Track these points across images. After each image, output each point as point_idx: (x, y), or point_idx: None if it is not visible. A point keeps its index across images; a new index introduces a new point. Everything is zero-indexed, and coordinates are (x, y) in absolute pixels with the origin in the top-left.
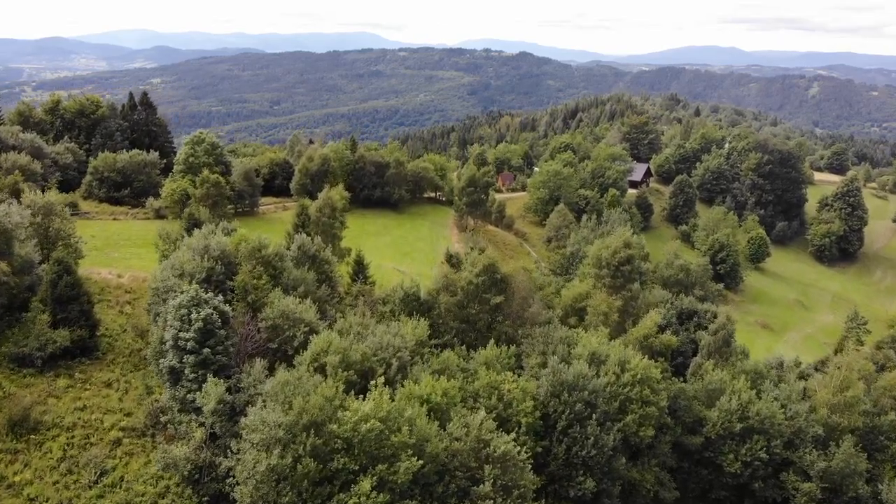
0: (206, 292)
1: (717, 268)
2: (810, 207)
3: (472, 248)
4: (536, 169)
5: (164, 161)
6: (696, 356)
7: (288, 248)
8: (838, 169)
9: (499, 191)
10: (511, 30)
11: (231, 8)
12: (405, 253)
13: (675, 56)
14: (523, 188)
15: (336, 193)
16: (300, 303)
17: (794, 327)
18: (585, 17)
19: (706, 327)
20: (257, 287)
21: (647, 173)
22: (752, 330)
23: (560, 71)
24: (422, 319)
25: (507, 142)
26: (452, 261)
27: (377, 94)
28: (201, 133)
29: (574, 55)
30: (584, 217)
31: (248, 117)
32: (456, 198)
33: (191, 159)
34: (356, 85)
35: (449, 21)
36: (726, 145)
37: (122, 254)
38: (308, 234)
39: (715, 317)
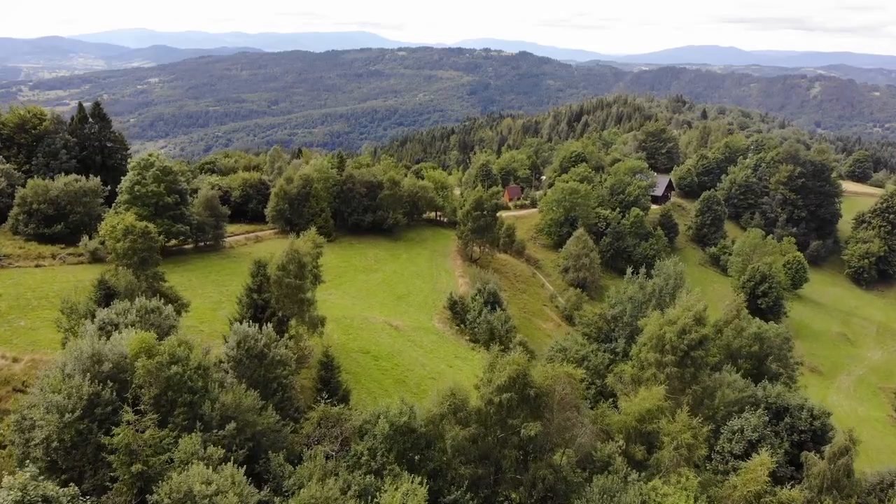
0: (46, 479)
1: (759, 301)
2: (843, 223)
3: (479, 291)
4: (544, 178)
5: (108, 188)
6: (794, 480)
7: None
8: (860, 177)
9: (505, 207)
10: (511, 29)
11: (229, 7)
12: (400, 296)
13: (675, 56)
14: (532, 204)
15: (306, 242)
16: (221, 464)
17: (843, 368)
18: (585, 17)
19: (803, 432)
20: (153, 445)
21: (669, 187)
22: (800, 374)
23: (560, 71)
24: (416, 479)
25: (508, 146)
26: (456, 308)
27: (376, 94)
28: (150, 155)
29: (573, 55)
30: (629, 270)
31: (246, 117)
32: (460, 223)
33: (137, 188)
34: (355, 85)
35: (448, 20)
36: (750, 155)
37: (30, 321)
38: (265, 302)
39: (813, 416)
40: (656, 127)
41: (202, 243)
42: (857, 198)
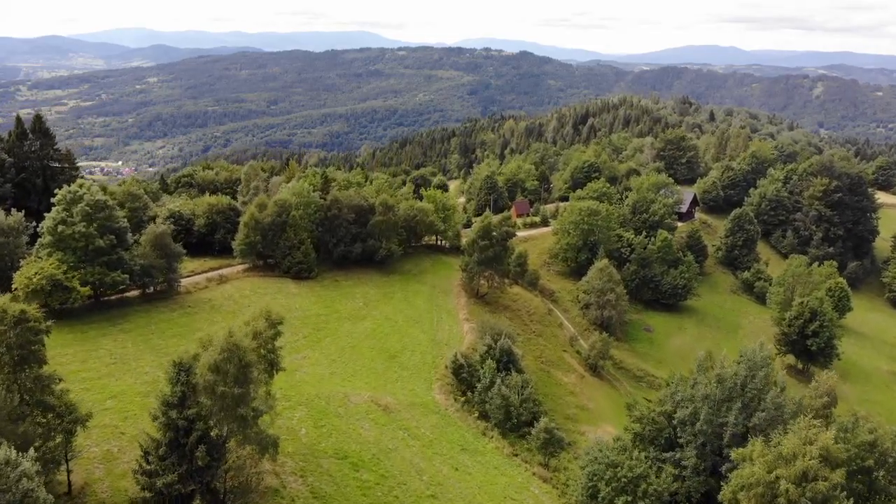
0: None
1: (808, 343)
2: (879, 240)
3: (489, 349)
4: (552, 185)
5: (35, 225)
6: None
7: None
8: (884, 185)
9: (514, 231)
10: (511, 29)
11: (229, 6)
12: (392, 354)
13: (675, 55)
14: (543, 222)
15: (258, 320)
16: None
17: None
18: (586, 16)
19: None
20: None
21: (694, 202)
22: None
23: (561, 70)
24: None
25: (511, 149)
26: (461, 373)
27: (376, 94)
28: (80, 184)
29: (574, 54)
30: (701, 355)
31: (245, 117)
32: (465, 252)
33: (61, 228)
34: (354, 84)
35: (448, 20)
36: (778, 165)
37: None
38: (191, 422)
39: None
40: (675, 134)
41: (151, 289)
42: (887, 210)
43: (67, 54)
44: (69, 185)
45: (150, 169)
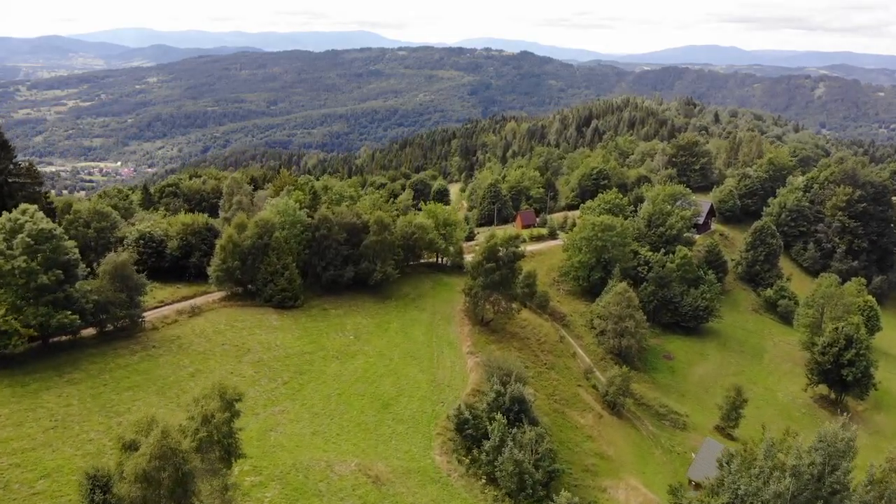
0: None
1: (843, 372)
2: None
3: (498, 395)
4: (558, 189)
5: None
6: None
7: None
8: None
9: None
10: (512, 29)
11: (229, 6)
12: (386, 402)
13: (676, 55)
14: (551, 234)
15: (210, 401)
16: None
17: None
18: (586, 16)
19: None
20: None
21: (710, 212)
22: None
23: (562, 70)
24: None
25: (514, 152)
26: (465, 428)
27: (376, 94)
28: (23, 210)
29: (575, 54)
30: (766, 437)
31: (245, 118)
32: (468, 274)
33: None
34: (355, 84)
35: (449, 20)
36: (796, 171)
37: None
38: None
39: None
40: (687, 140)
41: (109, 327)
42: None
43: (67, 54)
44: (30, 201)
45: (150, 170)
